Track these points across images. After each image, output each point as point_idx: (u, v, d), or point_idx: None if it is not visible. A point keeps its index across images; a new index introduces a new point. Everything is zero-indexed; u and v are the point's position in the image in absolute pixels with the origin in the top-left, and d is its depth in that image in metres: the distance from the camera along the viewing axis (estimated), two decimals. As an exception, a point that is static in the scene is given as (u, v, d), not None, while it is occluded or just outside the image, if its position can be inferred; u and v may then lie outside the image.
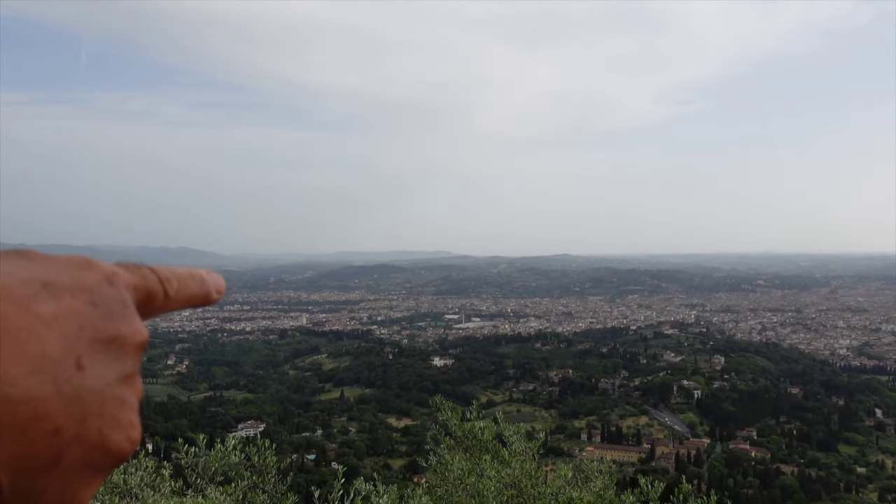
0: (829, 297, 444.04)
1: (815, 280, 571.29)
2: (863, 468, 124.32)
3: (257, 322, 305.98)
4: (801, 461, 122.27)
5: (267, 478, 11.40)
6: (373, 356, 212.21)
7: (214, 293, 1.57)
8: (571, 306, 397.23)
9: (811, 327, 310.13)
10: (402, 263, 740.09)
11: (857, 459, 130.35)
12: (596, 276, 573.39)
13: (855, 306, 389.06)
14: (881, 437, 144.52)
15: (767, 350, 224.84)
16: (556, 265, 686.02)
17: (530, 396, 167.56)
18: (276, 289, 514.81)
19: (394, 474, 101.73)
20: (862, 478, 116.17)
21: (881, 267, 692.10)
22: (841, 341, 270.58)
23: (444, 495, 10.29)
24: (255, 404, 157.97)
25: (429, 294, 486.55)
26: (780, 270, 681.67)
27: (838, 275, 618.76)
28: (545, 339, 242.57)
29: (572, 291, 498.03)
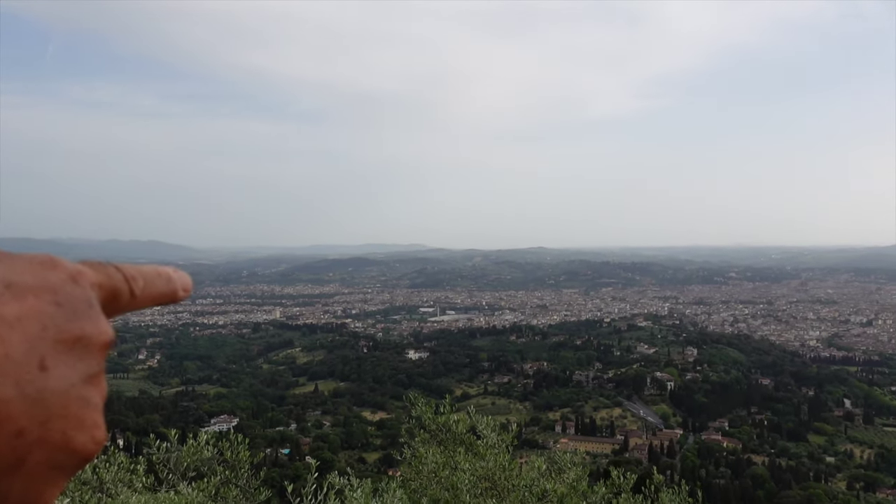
0: (799, 290, 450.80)
1: (786, 272, 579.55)
2: (832, 457, 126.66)
3: (230, 316, 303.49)
4: (772, 451, 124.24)
5: (240, 473, 11.31)
6: (347, 350, 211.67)
7: (181, 291, 1.52)
8: (546, 299, 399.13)
9: (782, 319, 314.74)
10: (376, 256, 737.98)
11: (826, 449, 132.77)
12: (570, 269, 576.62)
13: (825, 298, 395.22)
14: (850, 426, 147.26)
15: (739, 342, 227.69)
16: (531, 258, 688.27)
17: (505, 389, 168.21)
18: (250, 282, 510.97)
19: (369, 468, 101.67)
20: (831, 467, 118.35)
21: (851, 259, 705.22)
22: (811, 333, 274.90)
23: (418, 488, 10.28)
24: (229, 399, 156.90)
25: (403, 287, 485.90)
26: (751, 263, 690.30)
27: (809, 267, 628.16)
28: (520, 331, 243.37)
29: (547, 284, 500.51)
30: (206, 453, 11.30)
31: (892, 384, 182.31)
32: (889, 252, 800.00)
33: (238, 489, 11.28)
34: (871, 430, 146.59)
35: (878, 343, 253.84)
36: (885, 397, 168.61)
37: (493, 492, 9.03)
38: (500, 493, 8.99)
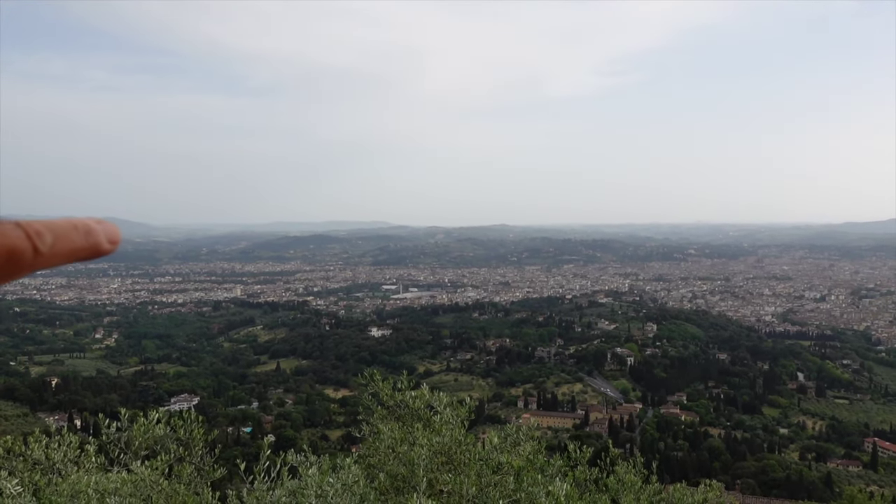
0: (756, 266, 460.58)
1: (743, 249, 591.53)
2: (785, 429, 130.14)
3: (190, 294, 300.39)
4: (728, 424, 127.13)
5: (194, 451, 11.12)
6: (309, 327, 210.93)
7: (106, 244, 1.37)
8: (508, 276, 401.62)
9: (739, 295, 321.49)
10: (338, 234, 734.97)
11: (780, 421, 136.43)
12: (533, 246, 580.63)
13: (780, 274, 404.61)
14: (803, 399, 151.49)
15: (697, 317, 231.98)
16: (494, 235, 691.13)
17: (468, 365, 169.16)
18: (209, 260, 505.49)
19: (332, 445, 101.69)
20: (784, 438, 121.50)
21: (805, 237, 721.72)
22: (766, 308, 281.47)
23: (376, 464, 10.21)
24: (189, 377, 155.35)
25: (366, 264, 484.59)
26: (710, 240, 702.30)
27: (765, 244, 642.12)
28: (482, 308, 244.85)
29: (509, 261, 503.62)
30: (158, 431, 11.09)
31: (843, 358, 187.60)
32: (842, 230, 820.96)
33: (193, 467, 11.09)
34: (823, 403, 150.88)
35: (830, 318, 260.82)
36: (837, 370, 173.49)
37: (448, 466, 8.99)
38: (457, 466, 8.95)
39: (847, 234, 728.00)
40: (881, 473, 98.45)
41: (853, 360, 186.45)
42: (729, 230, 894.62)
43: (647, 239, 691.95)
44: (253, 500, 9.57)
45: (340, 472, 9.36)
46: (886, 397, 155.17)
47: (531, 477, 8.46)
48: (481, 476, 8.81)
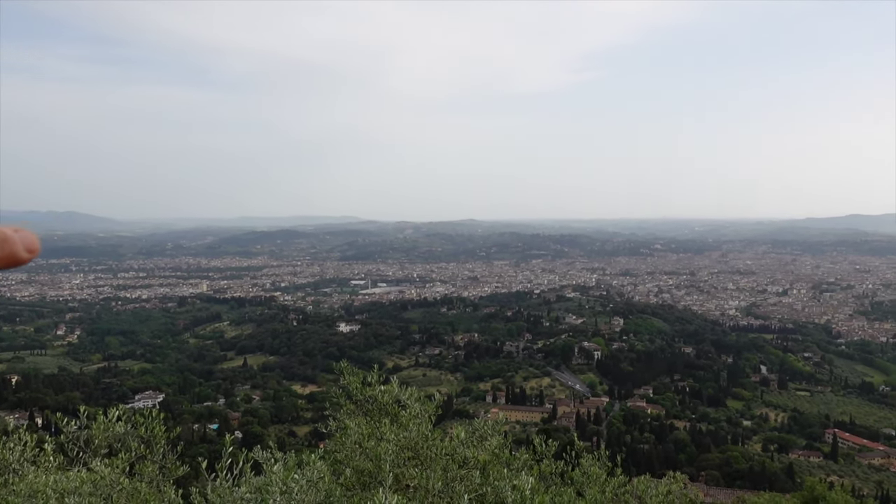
0: (720, 261, 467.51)
1: (708, 244, 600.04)
2: (748, 421, 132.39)
3: (154, 289, 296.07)
4: (693, 416, 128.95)
5: (156, 448, 10.95)
6: (277, 323, 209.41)
7: (23, 253, 1.35)
8: (477, 271, 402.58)
9: (704, 289, 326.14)
10: (306, 229, 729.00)
11: (743, 413, 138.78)
12: (501, 241, 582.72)
13: (744, 269, 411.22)
14: (765, 391, 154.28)
15: (663, 311, 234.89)
16: (463, 230, 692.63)
17: (436, 360, 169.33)
18: (175, 255, 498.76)
19: (299, 441, 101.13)
20: (748, 430, 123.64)
21: (768, 232, 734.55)
22: (730, 302, 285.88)
23: (342, 460, 10.13)
24: (154, 374, 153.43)
25: (334, 260, 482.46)
26: (676, 235, 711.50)
27: (729, 239, 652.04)
28: (451, 303, 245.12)
29: (478, 256, 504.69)
30: (118, 429, 10.89)
31: (804, 351, 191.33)
32: (804, 225, 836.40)
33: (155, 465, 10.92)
34: (785, 395, 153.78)
35: (792, 311, 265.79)
36: (798, 363, 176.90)
37: (415, 461, 8.95)
38: (424, 461, 8.92)
39: (809, 229, 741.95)
40: (841, 464, 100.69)
41: (814, 352, 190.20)
42: (695, 225, 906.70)
43: (615, 234, 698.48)
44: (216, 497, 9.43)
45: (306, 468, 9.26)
46: (846, 389, 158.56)
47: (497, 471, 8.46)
48: (447, 471, 8.79)
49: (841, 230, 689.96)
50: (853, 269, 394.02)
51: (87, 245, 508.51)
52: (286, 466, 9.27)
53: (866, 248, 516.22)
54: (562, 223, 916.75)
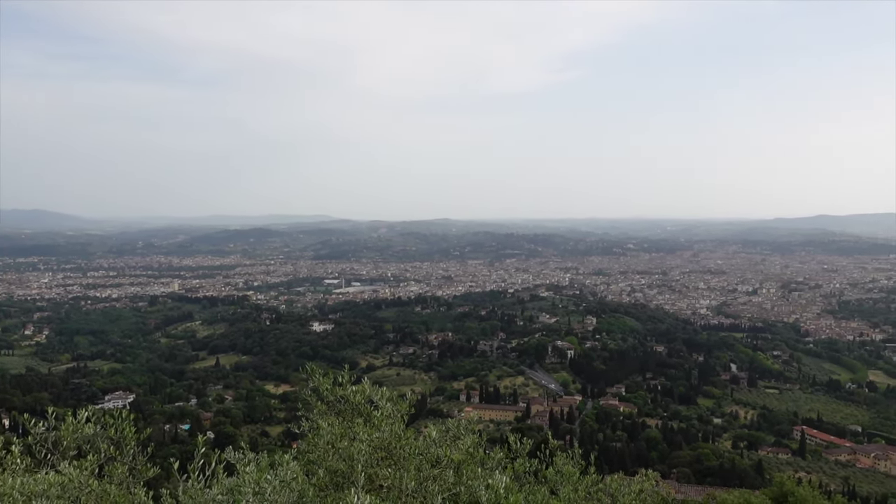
0: (691, 260, 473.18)
1: (680, 244, 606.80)
2: (719, 419, 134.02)
3: (125, 289, 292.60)
4: (665, 414, 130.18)
5: (125, 450, 10.80)
6: (249, 322, 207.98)
7: None
8: (451, 270, 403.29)
9: (675, 288, 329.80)
10: (279, 227, 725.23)
11: (713, 411, 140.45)
12: (475, 241, 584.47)
13: (714, 268, 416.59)
14: (735, 389, 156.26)
15: (636, 310, 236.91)
16: (437, 229, 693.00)
17: (410, 360, 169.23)
18: (146, 253, 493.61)
19: (272, 441, 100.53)
20: (718, 428, 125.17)
21: (738, 232, 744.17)
22: (702, 301, 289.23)
23: (315, 460, 10.07)
24: (124, 374, 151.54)
25: (307, 259, 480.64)
26: (648, 235, 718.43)
27: (701, 239, 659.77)
28: (425, 302, 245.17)
29: (452, 255, 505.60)
30: (88, 430, 10.73)
31: (774, 349, 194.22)
32: (773, 225, 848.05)
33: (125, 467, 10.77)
34: (755, 393, 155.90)
35: (761, 310, 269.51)
36: (768, 361, 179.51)
37: (388, 461, 8.93)
38: (397, 461, 8.91)
39: (778, 229, 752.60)
40: (809, 460, 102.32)
41: (783, 351, 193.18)
42: (666, 225, 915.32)
43: (588, 234, 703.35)
44: (188, 499, 9.34)
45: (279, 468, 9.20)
46: (814, 387, 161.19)
47: (471, 470, 8.47)
48: (421, 470, 8.78)
49: (809, 230, 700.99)
50: (821, 269, 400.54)
51: (55, 244, 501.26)
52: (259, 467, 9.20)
53: (834, 247, 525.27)
54: (536, 223, 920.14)
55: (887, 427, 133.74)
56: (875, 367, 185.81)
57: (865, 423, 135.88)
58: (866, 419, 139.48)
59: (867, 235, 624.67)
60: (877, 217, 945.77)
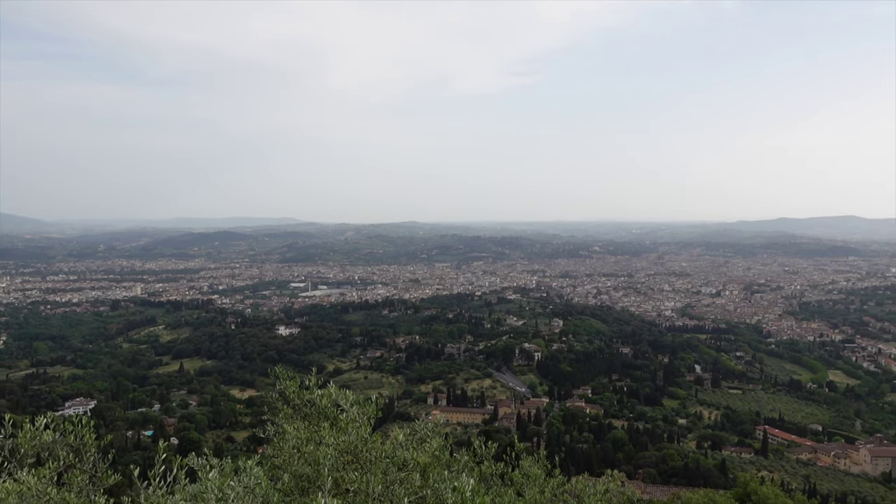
0: (656, 263, 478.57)
1: (644, 246, 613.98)
2: (684, 419, 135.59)
3: (86, 293, 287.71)
4: (631, 415, 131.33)
5: (86, 457, 10.59)
6: (214, 326, 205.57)
7: None
8: (418, 273, 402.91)
9: (641, 291, 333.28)
10: (245, 230, 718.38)
11: (678, 412, 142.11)
12: (443, 243, 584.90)
13: (679, 271, 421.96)
14: (700, 390, 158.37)
15: (602, 313, 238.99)
16: (404, 232, 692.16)
17: (378, 363, 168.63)
18: (107, 257, 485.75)
19: (237, 447, 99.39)
20: (683, 428, 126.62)
21: (702, 234, 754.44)
22: (666, 303, 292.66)
23: (280, 465, 9.97)
24: (85, 380, 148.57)
25: (273, 262, 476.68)
26: (614, 237, 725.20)
27: (665, 241, 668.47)
28: (392, 305, 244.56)
29: (419, 258, 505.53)
30: (46, 438, 10.51)
31: (737, 350, 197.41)
32: (735, 228, 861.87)
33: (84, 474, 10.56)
34: (718, 393, 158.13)
35: (725, 312, 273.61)
36: (731, 362, 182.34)
37: (355, 464, 8.88)
38: (363, 465, 8.86)
39: (740, 232, 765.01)
40: (771, 459, 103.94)
41: (746, 352, 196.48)
42: (632, 228, 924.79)
43: (554, 236, 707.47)
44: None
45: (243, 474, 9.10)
46: (776, 387, 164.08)
47: (437, 473, 8.45)
48: (387, 474, 8.74)
49: (771, 233, 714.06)
50: (782, 271, 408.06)
51: (13, 247, 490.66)
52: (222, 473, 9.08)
53: (794, 250, 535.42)
54: (502, 225, 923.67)
55: (846, 426, 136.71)
56: (835, 368, 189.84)
57: (826, 423, 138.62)
58: (826, 418, 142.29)
59: (827, 238, 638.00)
60: (836, 220, 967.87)
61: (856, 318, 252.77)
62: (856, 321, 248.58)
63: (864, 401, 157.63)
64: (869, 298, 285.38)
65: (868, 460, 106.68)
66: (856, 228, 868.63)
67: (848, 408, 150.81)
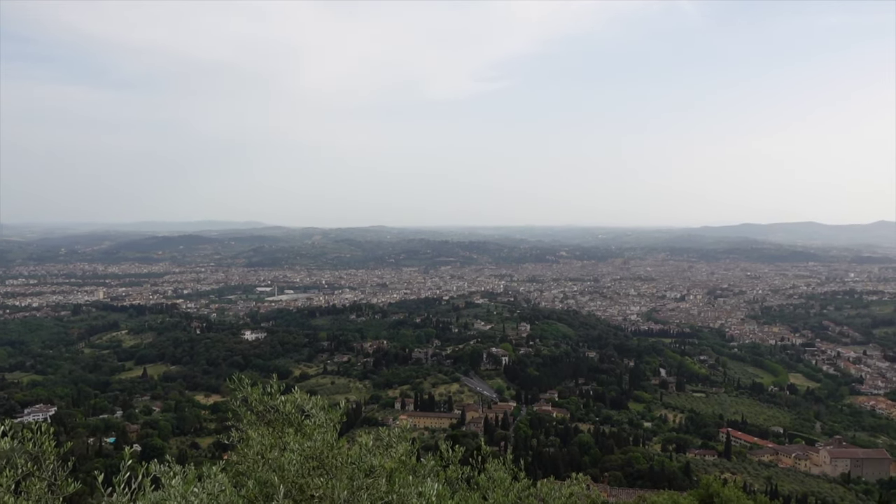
0: (622, 268, 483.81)
1: (611, 251, 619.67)
2: (649, 423, 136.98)
3: (46, 297, 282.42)
4: (597, 419, 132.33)
5: (45, 464, 10.40)
6: (179, 331, 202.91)
7: None
8: (386, 277, 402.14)
9: (607, 295, 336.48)
10: (210, 234, 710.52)
11: (644, 415, 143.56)
12: (410, 248, 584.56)
13: (644, 275, 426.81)
14: (665, 393, 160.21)
15: (569, 317, 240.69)
16: (371, 236, 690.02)
17: (345, 368, 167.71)
18: (69, 261, 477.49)
19: (202, 453, 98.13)
20: (648, 431, 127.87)
21: (667, 239, 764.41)
22: (632, 307, 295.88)
23: (245, 471, 9.89)
24: (45, 386, 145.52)
25: (239, 266, 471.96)
26: (580, 242, 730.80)
27: (631, 246, 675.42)
28: (360, 310, 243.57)
29: (387, 263, 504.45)
30: (3, 445, 10.29)
31: (701, 354, 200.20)
32: (700, 233, 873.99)
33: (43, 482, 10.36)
34: (683, 396, 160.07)
35: (689, 316, 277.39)
36: (695, 366, 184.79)
37: (320, 470, 8.84)
38: (328, 471, 8.82)
39: (704, 237, 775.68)
40: (734, 461, 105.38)
41: (709, 355, 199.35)
42: (598, 233, 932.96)
43: (521, 241, 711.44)
44: (111, 514, 9.04)
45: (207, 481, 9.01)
46: (739, 390, 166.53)
47: (403, 478, 8.45)
48: (353, 479, 8.72)
49: (734, 238, 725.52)
50: (745, 276, 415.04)
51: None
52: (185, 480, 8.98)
53: (756, 255, 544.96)
54: (470, 230, 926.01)
55: (807, 428, 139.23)
56: (795, 371, 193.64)
57: (787, 425, 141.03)
58: (787, 420, 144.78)
59: (787, 243, 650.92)
60: (797, 226, 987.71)
61: (815, 322, 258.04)
62: (815, 325, 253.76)
63: (824, 403, 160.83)
64: (828, 303, 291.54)
65: (828, 461, 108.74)
66: (816, 234, 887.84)
67: (808, 410, 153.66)
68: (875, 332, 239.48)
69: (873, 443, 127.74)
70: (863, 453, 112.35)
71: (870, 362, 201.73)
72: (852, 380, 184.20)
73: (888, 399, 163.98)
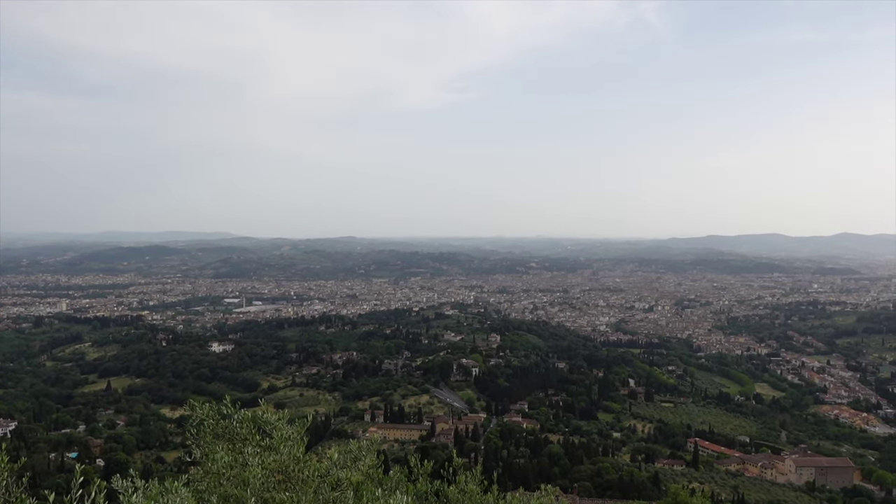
0: (591, 279, 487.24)
1: (580, 263, 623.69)
2: (618, 433, 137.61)
3: (7, 309, 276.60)
4: (567, 430, 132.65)
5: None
6: (144, 343, 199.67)
7: None
8: (356, 289, 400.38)
9: (576, 306, 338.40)
10: (177, 244, 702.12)
11: (613, 425, 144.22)
12: (380, 259, 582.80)
13: (613, 286, 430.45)
14: (633, 403, 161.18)
15: (538, 328, 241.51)
16: (341, 247, 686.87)
17: (314, 380, 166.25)
18: (30, 272, 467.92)
19: (167, 467, 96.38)
20: (617, 441, 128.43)
21: (636, 251, 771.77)
22: (601, 318, 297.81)
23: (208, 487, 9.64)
24: (5, 400, 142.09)
25: (207, 277, 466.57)
26: (550, 253, 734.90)
27: (600, 258, 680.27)
28: (329, 321, 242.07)
29: (357, 274, 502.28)
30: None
31: (669, 364, 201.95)
32: (667, 245, 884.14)
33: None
34: (652, 407, 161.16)
35: (657, 327, 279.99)
36: (663, 376, 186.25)
37: (286, 484, 8.62)
38: (294, 484, 8.61)
39: (672, 248, 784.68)
40: (701, 471, 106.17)
41: (677, 366, 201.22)
42: (567, 244, 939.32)
43: (492, 252, 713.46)
44: (67, 532, 8.72)
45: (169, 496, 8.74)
46: (706, 400, 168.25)
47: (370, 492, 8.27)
48: (319, 493, 8.52)
49: (701, 250, 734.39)
50: (711, 287, 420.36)
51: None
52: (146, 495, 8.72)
53: (722, 266, 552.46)
54: (441, 241, 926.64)
55: (773, 437, 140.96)
56: (761, 380, 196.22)
57: (753, 434, 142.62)
58: (754, 430, 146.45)
59: (753, 255, 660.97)
60: (761, 237, 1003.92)
61: (780, 333, 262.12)
62: (780, 335, 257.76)
63: (789, 412, 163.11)
64: (793, 313, 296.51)
65: (793, 470, 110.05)
66: (780, 246, 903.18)
67: (774, 419, 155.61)
68: (838, 342, 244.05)
69: (837, 451, 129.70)
70: (827, 462, 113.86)
71: (833, 372, 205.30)
72: (816, 389, 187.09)
73: (851, 408, 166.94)
